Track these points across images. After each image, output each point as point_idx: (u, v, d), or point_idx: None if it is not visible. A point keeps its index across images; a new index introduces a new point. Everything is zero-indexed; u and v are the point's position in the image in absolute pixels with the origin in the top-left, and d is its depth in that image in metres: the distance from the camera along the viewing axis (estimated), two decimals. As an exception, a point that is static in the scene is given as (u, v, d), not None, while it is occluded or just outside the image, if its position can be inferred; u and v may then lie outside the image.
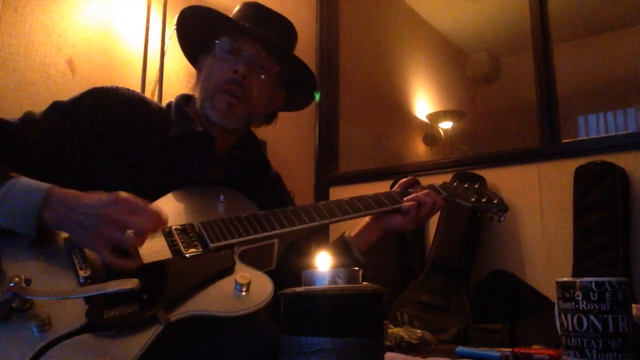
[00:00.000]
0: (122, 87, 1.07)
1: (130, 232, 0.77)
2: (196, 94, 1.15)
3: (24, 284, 0.71)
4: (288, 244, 1.06)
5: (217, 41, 1.10)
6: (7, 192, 0.80)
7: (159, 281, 0.80)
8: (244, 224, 0.95)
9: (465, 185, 1.25)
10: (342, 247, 1.14)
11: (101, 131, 0.99)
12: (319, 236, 1.20)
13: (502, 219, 1.20)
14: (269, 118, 1.22)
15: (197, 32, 1.14)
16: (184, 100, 1.14)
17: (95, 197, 0.80)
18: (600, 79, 3.72)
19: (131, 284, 0.72)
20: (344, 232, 1.18)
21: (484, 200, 1.21)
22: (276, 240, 0.98)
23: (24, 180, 0.82)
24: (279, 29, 1.15)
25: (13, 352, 0.67)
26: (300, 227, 1.00)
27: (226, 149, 1.13)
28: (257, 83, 1.09)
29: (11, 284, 0.70)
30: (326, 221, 1.04)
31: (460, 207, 1.23)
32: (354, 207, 1.09)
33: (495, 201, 1.22)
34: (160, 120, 1.07)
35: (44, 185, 0.82)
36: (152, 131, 1.04)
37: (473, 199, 1.21)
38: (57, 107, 1.00)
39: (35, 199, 0.79)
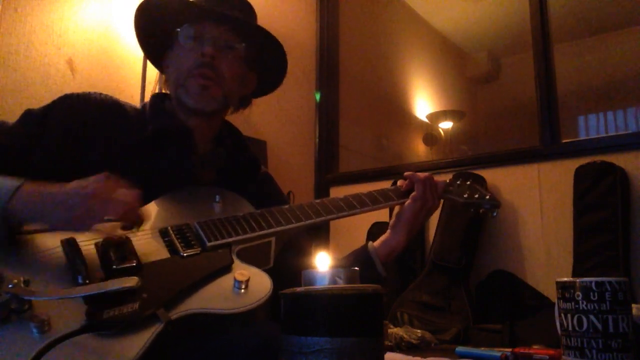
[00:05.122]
0: (94, 92, 1.06)
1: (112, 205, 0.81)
2: (169, 89, 1.14)
3: (22, 285, 0.71)
4: (285, 242, 1.06)
5: (178, 29, 1.09)
6: None
7: (158, 280, 0.80)
8: (241, 223, 0.96)
9: (458, 182, 1.27)
10: (364, 260, 1.12)
11: (75, 138, 0.98)
12: (319, 235, 1.20)
13: (495, 214, 1.22)
14: (244, 102, 1.21)
15: (159, 27, 1.13)
16: (159, 98, 1.14)
17: (79, 181, 0.82)
18: (600, 79, 3.73)
19: (132, 282, 0.73)
20: (368, 242, 1.15)
21: (476, 196, 1.23)
22: (273, 239, 0.98)
23: None
24: (238, 8, 1.14)
25: (13, 354, 0.67)
26: (297, 224, 1.00)
27: (208, 145, 1.13)
28: (227, 63, 1.08)
29: (10, 285, 0.70)
30: (322, 218, 1.04)
31: (454, 204, 1.25)
32: (349, 204, 1.09)
33: (487, 197, 1.23)
34: (135, 120, 1.06)
35: (17, 179, 0.81)
36: (130, 133, 1.03)
37: (465, 195, 1.22)
38: (29, 116, 0.99)
39: (3, 192, 0.79)
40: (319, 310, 0.55)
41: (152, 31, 1.15)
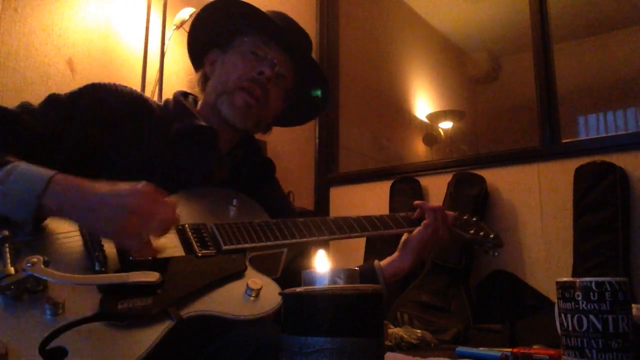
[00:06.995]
0: (120, 84, 1.06)
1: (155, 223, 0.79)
2: (203, 89, 1.14)
3: (42, 265, 0.71)
4: (294, 254, 1.06)
5: (245, 38, 1.09)
6: (4, 177, 0.77)
7: (172, 277, 0.81)
8: (257, 231, 0.96)
9: (465, 217, 1.28)
10: (368, 276, 1.12)
11: (99, 127, 0.97)
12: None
13: (497, 254, 1.25)
14: (267, 128, 1.22)
15: (221, 24, 1.13)
16: (182, 96, 1.14)
17: (112, 187, 0.79)
18: (600, 79, 3.72)
19: (153, 277, 0.73)
20: (374, 260, 1.16)
21: (481, 234, 1.25)
22: (285, 250, 0.99)
23: (24, 165, 0.80)
24: (305, 41, 1.16)
25: (26, 333, 0.67)
26: (310, 239, 1.01)
27: (227, 148, 1.13)
28: (275, 90, 1.10)
29: (29, 264, 0.70)
30: (335, 236, 1.06)
31: (460, 239, 1.27)
32: (361, 225, 1.11)
33: (492, 236, 1.25)
34: (160, 117, 1.06)
35: (47, 170, 0.79)
36: (153, 128, 1.03)
37: (472, 232, 1.25)
38: (54, 100, 0.98)
39: (36, 185, 0.77)
40: (319, 310, 0.55)
41: (213, 26, 1.14)
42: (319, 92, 1.21)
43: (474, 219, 1.29)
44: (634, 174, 1.93)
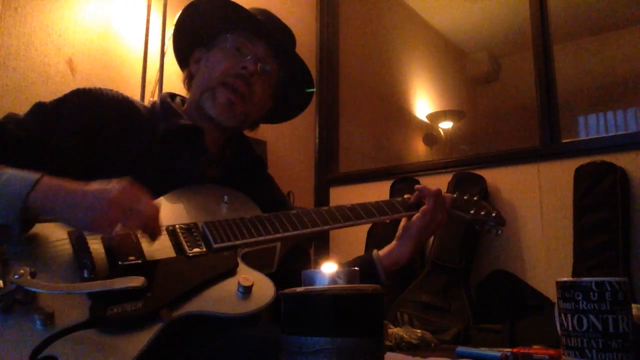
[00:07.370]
0: (105, 88, 1.06)
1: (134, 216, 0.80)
2: (189, 90, 1.14)
3: (29, 277, 0.71)
4: (290, 247, 1.06)
5: (228, 35, 1.09)
6: None
7: (162, 279, 0.81)
8: (248, 226, 0.96)
9: (465, 197, 1.26)
10: (367, 267, 1.11)
11: (86, 132, 0.97)
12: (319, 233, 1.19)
13: (500, 232, 1.22)
14: (254, 125, 1.22)
15: (204, 23, 1.13)
16: (170, 97, 1.14)
17: (96, 185, 0.80)
18: (600, 79, 3.73)
19: (138, 281, 0.73)
20: (373, 251, 1.15)
21: (482, 213, 1.23)
22: (279, 244, 0.98)
23: (12, 170, 0.80)
24: (288, 38, 1.16)
25: (16, 344, 0.67)
26: (303, 231, 1.00)
27: (216, 147, 1.13)
28: (260, 85, 1.09)
29: (16, 276, 0.70)
30: (328, 227, 1.04)
31: (461, 220, 1.24)
32: (356, 213, 1.09)
33: (494, 214, 1.23)
34: (147, 118, 1.06)
35: (35, 173, 0.80)
36: (140, 130, 1.03)
37: (472, 212, 1.22)
38: (39, 108, 0.98)
39: (23, 187, 0.77)
40: (319, 310, 0.55)
41: (196, 25, 1.14)
42: (304, 88, 1.20)
43: (475, 198, 1.26)
44: (634, 174, 1.93)
